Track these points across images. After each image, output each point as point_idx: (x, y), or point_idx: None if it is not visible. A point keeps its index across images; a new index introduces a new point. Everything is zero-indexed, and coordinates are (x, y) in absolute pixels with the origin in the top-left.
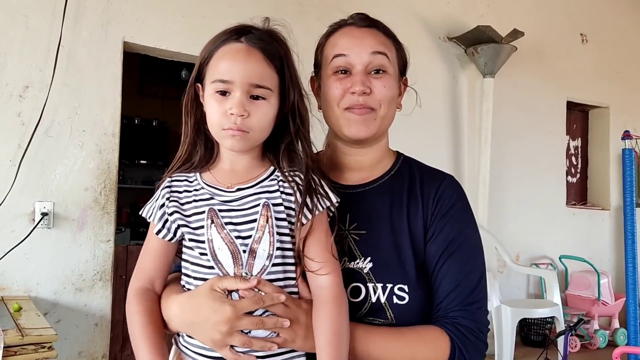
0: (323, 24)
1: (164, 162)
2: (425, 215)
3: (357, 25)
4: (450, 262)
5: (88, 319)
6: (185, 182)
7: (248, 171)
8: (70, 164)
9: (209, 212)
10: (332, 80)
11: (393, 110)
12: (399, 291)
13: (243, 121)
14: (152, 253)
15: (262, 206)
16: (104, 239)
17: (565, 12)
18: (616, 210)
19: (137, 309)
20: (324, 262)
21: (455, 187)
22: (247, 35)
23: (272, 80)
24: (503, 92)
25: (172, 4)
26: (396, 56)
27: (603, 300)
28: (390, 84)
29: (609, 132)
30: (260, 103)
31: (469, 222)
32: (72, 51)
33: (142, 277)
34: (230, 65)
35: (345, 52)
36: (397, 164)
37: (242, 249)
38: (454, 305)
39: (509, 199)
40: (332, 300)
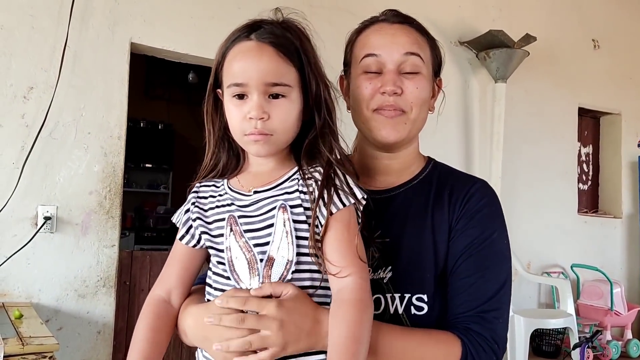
0: (333, 25)
1: (169, 166)
2: (451, 218)
3: (389, 22)
4: (469, 264)
5: (91, 327)
6: (212, 187)
7: (272, 173)
8: (74, 167)
9: (229, 219)
10: (361, 80)
11: (425, 113)
12: (418, 301)
13: (264, 124)
14: (175, 259)
15: (279, 209)
16: (108, 244)
17: (578, 17)
18: (628, 218)
19: (144, 323)
20: (345, 265)
21: (486, 191)
22: (258, 31)
23: (289, 75)
24: (515, 97)
25: (180, 5)
26: (430, 55)
27: (616, 310)
28: (423, 85)
29: (621, 138)
30: (280, 102)
31: (496, 227)
32: (78, 52)
33: (161, 284)
34: (242, 66)
35: (377, 52)
36: (427, 170)
37: (259, 257)
38: (468, 311)
39: (520, 205)
40: (352, 303)
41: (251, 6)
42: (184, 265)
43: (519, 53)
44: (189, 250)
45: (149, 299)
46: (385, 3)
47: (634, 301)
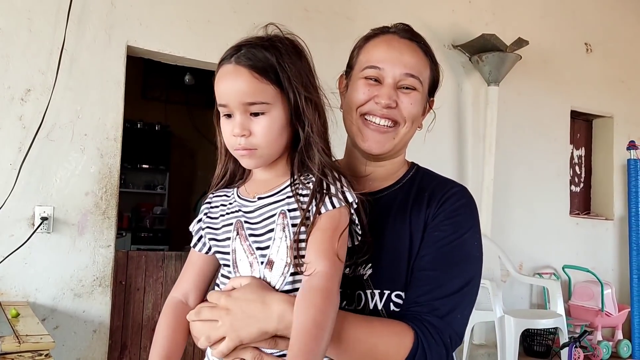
0: (328, 30)
1: (166, 167)
2: (427, 216)
3: (399, 35)
4: (436, 257)
5: (87, 326)
6: (223, 197)
7: (275, 180)
8: (71, 168)
9: (236, 224)
10: (360, 84)
11: (414, 130)
12: (397, 298)
13: (247, 140)
14: (190, 265)
15: (278, 215)
16: (104, 244)
17: (571, 21)
18: (620, 220)
19: (164, 322)
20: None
21: (464, 194)
22: (237, 54)
23: (266, 93)
24: (507, 101)
25: (176, 9)
26: (429, 76)
27: (606, 311)
28: (417, 101)
29: (613, 141)
30: (260, 119)
31: (469, 228)
32: (75, 54)
33: (179, 288)
34: (223, 88)
35: (380, 66)
36: (409, 174)
37: (260, 260)
38: (427, 303)
39: (512, 207)
40: (318, 290)
41: (246, 10)
42: (198, 271)
43: (512, 57)
44: (203, 257)
45: (168, 301)
46: (380, 7)
47: (624, 302)
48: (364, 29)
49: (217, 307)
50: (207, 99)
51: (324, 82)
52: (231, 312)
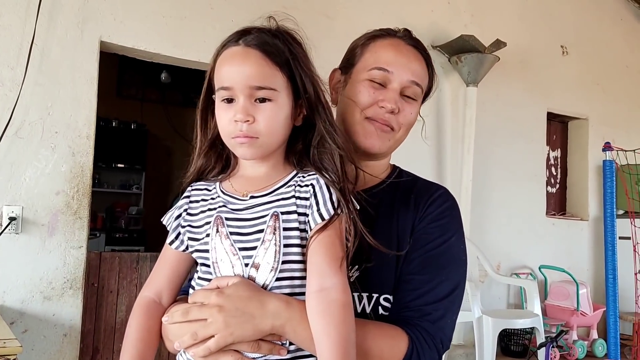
0: (307, 28)
1: (142, 166)
2: (414, 219)
3: (405, 41)
4: (425, 265)
5: (57, 329)
6: (204, 191)
7: (267, 178)
8: (41, 166)
9: (216, 219)
10: (364, 86)
11: (405, 137)
12: (385, 302)
13: (249, 127)
14: (164, 262)
15: (271, 217)
16: (75, 245)
17: (547, 24)
18: (594, 220)
19: (136, 322)
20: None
21: (448, 197)
22: (246, 37)
23: (275, 79)
24: (486, 101)
25: (152, 4)
26: (427, 85)
27: (582, 310)
28: (416, 112)
29: (588, 143)
30: (266, 105)
31: (454, 232)
32: (46, 49)
33: (152, 286)
34: (228, 70)
35: (389, 69)
36: (393, 176)
37: (245, 261)
38: (419, 308)
39: (490, 207)
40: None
41: (223, 7)
42: (173, 269)
43: (490, 58)
44: (178, 254)
45: (139, 300)
46: (360, 6)
47: (599, 302)
48: (344, 27)
49: (207, 305)
50: (184, 97)
51: None
52: (224, 309)
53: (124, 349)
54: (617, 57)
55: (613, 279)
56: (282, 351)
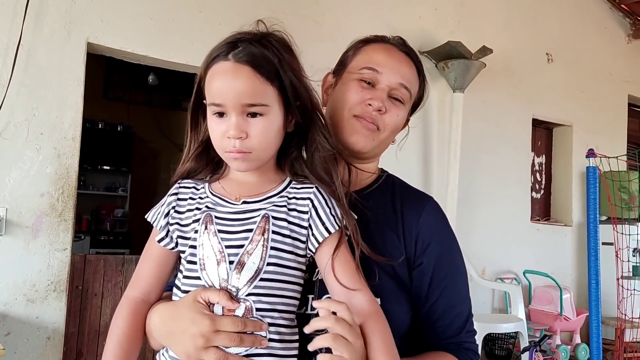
0: (295, 32)
1: (128, 168)
2: (408, 239)
3: (397, 47)
4: (448, 292)
5: (40, 332)
6: (192, 189)
7: (260, 184)
8: (26, 168)
9: (205, 217)
10: (354, 85)
11: (390, 140)
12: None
13: (242, 143)
14: (152, 260)
15: (261, 218)
16: (59, 248)
17: (533, 31)
18: (578, 226)
19: (121, 322)
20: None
21: (438, 212)
22: (235, 51)
23: (266, 95)
24: (472, 108)
25: (139, 6)
26: (416, 93)
27: (565, 315)
28: (402, 115)
29: (572, 149)
30: (258, 120)
31: (455, 248)
32: (32, 50)
33: (139, 285)
34: (219, 87)
35: (378, 69)
36: (380, 180)
37: (230, 259)
38: (457, 332)
39: (476, 212)
40: (375, 314)
41: (212, 10)
42: (161, 266)
43: (476, 64)
44: (166, 252)
45: (125, 299)
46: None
47: (582, 307)
48: (332, 32)
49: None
50: (171, 99)
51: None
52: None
53: (107, 348)
54: (601, 65)
55: (596, 284)
56: (263, 342)
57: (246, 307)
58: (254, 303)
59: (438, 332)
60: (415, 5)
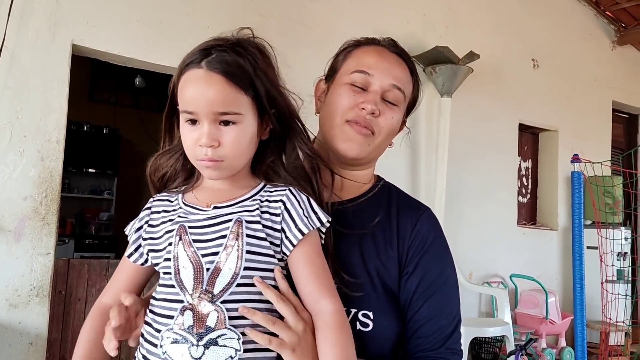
0: (284, 36)
1: (114, 171)
2: (401, 248)
3: (388, 49)
4: (432, 302)
5: (22, 338)
6: (166, 202)
7: (232, 191)
8: (8, 171)
9: (179, 228)
10: (345, 89)
11: (387, 144)
12: (363, 317)
13: (214, 151)
14: (122, 273)
15: (234, 222)
16: (43, 252)
17: (519, 37)
18: (563, 230)
19: (90, 325)
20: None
21: (433, 223)
22: (208, 59)
23: (239, 103)
24: (460, 112)
25: (126, 8)
26: (410, 94)
27: (551, 319)
28: (397, 117)
29: (558, 154)
30: (231, 128)
31: (447, 261)
32: (17, 52)
33: (108, 293)
34: (192, 95)
35: (370, 72)
36: (376, 188)
37: (206, 266)
38: (436, 346)
39: (463, 216)
40: (337, 326)
41: (199, 13)
42: (131, 280)
43: (464, 69)
44: (136, 267)
45: (97, 305)
46: (336, 15)
47: (568, 310)
48: (320, 36)
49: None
50: (158, 102)
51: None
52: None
53: (76, 351)
54: (586, 71)
55: (580, 287)
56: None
57: (217, 317)
58: (228, 311)
59: (417, 342)
60: (404, 10)
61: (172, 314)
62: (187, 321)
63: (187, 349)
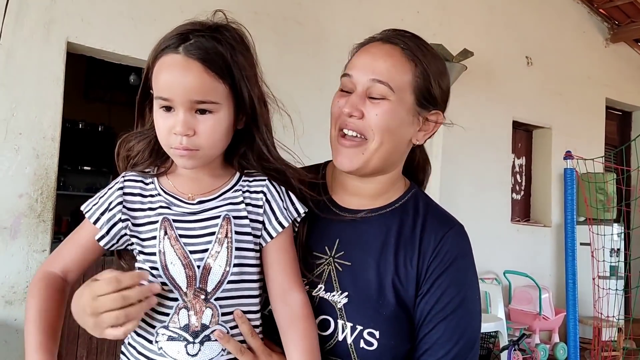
0: (278, 33)
1: (109, 169)
2: (421, 265)
3: (382, 41)
4: (443, 326)
5: (19, 335)
6: (140, 183)
7: (210, 181)
8: (4, 168)
9: (163, 221)
10: (336, 96)
11: (394, 143)
12: (368, 336)
13: (189, 140)
14: (77, 246)
15: (223, 219)
16: (38, 249)
17: (513, 34)
18: (557, 227)
19: (38, 294)
20: (291, 285)
21: (459, 240)
22: (186, 44)
23: (216, 92)
24: (454, 110)
25: (120, 6)
26: (410, 82)
27: (544, 315)
28: (385, 112)
29: (551, 151)
30: (207, 117)
31: (468, 284)
32: (12, 50)
33: (56, 264)
34: (168, 81)
35: (350, 73)
36: (404, 198)
37: (196, 264)
38: None
39: (457, 214)
40: (305, 318)
41: (193, 10)
42: (85, 256)
43: (458, 67)
44: (97, 246)
45: (43, 274)
46: (330, 13)
47: (561, 306)
48: (314, 34)
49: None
50: None
51: (273, 87)
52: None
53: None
54: (579, 68)
55: (573, 283)
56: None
57: (212, 315)
58: (221, 308)
59: None
60: (398, 8)
61: (167, 310)
62: (183, 320)
63: (183, 347)
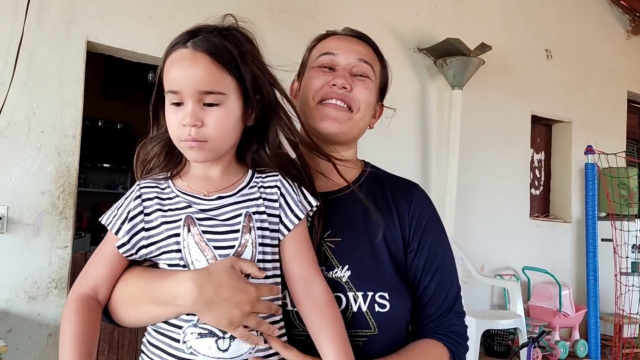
0: (293, 30)
1: (128, 166)
2: (403, 227)
3: (349, 35)
4: (437, 276)
5: (41, 329)
6: (156, 189)
7: (225, 178)
8: (26, 166)
9: (186, 219)
10: (315, 72)
11: (367, 120)
12: (380, 299)
13: (198, 131)
14: (104, 261)
15: (245, 217)
16: (61, 245)
17: (532, 28)
18: (577, 223)
19: (74, 318)
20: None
21: (426, 198)
22: (194, 39)
23: (224, 83)
24: (471, 104)
25: (139, 5)
26: (380, 74)
27: (564, 311)
28: (371, 89)
29: (571, 146)
30: (215, 109)
31: (443, 234)
32: (34, 50)
33: (86, 283)
34: (176, 74)
35: (334, 51)
36: (366, 173)
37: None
38: (445, 314)
39: (475, 210)
40: (330, 304)
41: (211, 7)
42: (112, 269)
43: (475, 61)
44: (122, 259)
45: (74, 296)
46: (345, 9)
47: (581, 303)
48: (329, 29)
49: None
50: None
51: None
52: None
53: (64, 346)
54: (600, 61)
55: (594, 280)
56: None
57: None
58: None
59: (429, 313)
60: (414, 3)
61: None
62: None
63: (214, 342)
